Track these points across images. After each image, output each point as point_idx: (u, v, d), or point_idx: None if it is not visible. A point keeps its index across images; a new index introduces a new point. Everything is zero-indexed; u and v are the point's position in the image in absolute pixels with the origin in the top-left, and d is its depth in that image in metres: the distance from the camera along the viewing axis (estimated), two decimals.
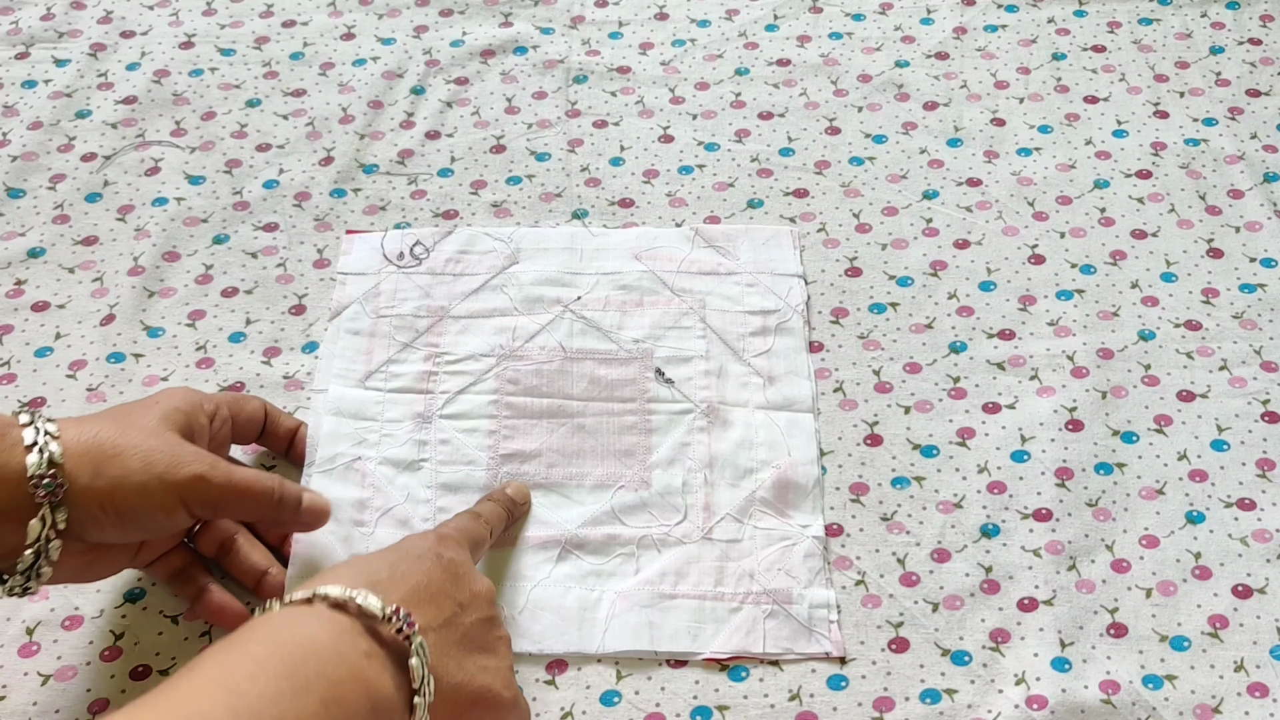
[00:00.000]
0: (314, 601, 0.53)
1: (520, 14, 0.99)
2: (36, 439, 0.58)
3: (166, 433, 0.62)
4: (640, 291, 0.81)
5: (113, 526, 0.60)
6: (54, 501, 0.58)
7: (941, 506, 0.72)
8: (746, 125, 0.91)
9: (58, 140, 0.90)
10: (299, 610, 0.52)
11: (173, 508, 0.61)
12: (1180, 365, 0.78)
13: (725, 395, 0.76)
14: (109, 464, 0.59)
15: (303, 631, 0.51)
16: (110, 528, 0.60)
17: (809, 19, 0.99)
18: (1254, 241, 0.84)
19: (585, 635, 0.67)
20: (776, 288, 0.81)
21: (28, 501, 0.58)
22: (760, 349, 0.78)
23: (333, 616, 0.52)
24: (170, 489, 0.60)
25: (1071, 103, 0.93)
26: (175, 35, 0.98)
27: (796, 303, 0.80)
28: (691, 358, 0.77)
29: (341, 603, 0.53)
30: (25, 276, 0.82)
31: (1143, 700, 0.65)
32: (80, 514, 0.59)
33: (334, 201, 0.87)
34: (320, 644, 0.51)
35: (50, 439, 0.59)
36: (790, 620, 0.67)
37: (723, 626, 0.67)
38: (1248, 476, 0.73)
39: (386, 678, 0.52)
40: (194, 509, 0.62)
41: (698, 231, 0.84)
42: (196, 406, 0.66)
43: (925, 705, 0.65)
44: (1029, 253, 0.83)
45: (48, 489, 0.58)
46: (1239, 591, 0.68)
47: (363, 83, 0.94)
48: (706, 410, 0.75)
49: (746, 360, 0.77)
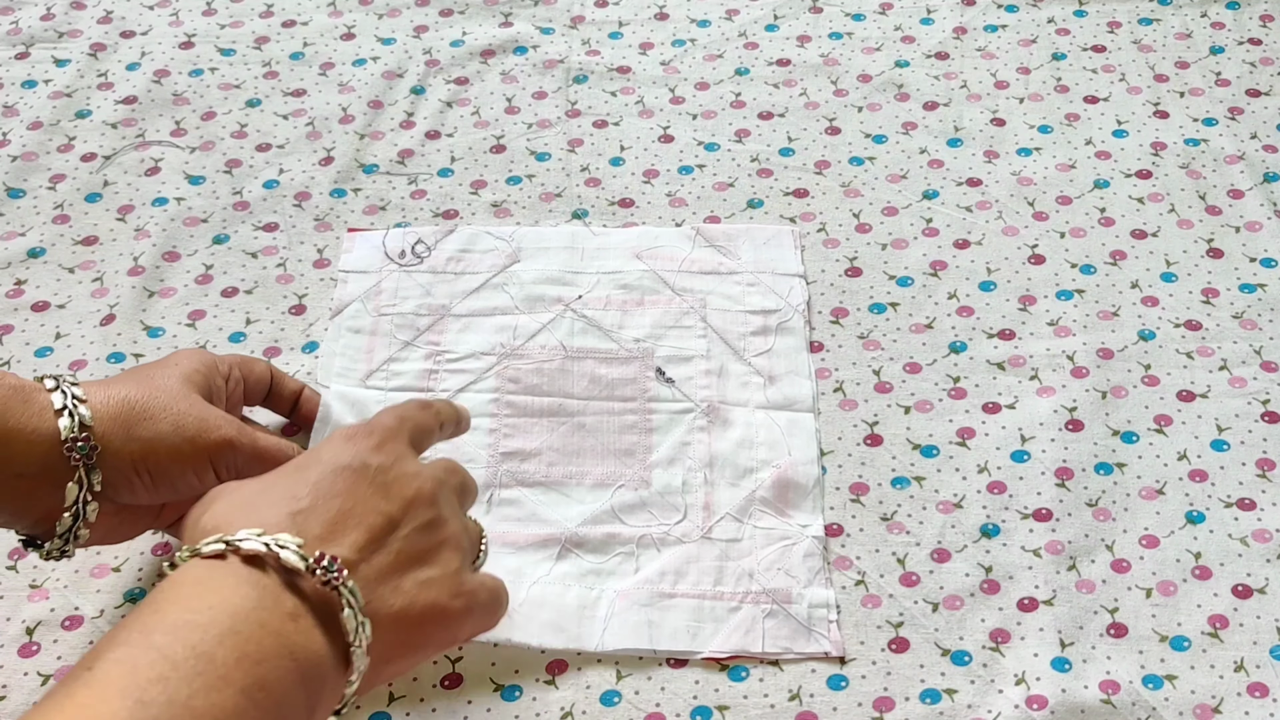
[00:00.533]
0: (227, 556, 0.48)
1: (520, 14, 0.99)
2: (65, 403, 0.58)
3: (191, 395, 0.62)
4: (641, 291, 0.81)
5: (145, 488, 0.61)
6: (88, 464, 0.58)
7: (941, 506, 0.72)
8: (746, 125, 0.91)
9: (58, 140, 0.90)
10: (212, 570, 0.48)
11: (203, 470, 0.61)
12: (1180, 365, 0.78)
13: (726, 394, 0.76)
14: (140, 426, 0.60)
15: (217, 602, 0.46)
16: (142, 489, 0.60)
17: (809, 19, 0.99)
18: (1254, 241, 0.84)
19: (585, 633, 0.67)
20: (777, 287, 0.81)
21: (60, 465, 0.58)
22: (761, 348, 0.78)
23: (250, 575, 0.47)
24: (201, 452, 0.61)
25: (1071, 103, 0.93)
26: (175, 35, 0.98)
27: (797, 302, 0.80)
28: (692, 357, 0.77)
29: (258, 558, 0.48)
30: (25, 276, 0.82)
31: (1143, 700, 0.65)
32: (113, 476, 0.59)
33: (334, 201, 0.87)
34: (237, 616, 0.46)
35: (78, 403, 0.59)
36: (789, 620, 0.67)
37: (722, 626, 0.67)
38: (1248, 476, 0.73)
39: (316, 636, 0.48)
40: (222, 472, 0.62)
41: (699, 231, 0.84)
42: (213, 368, 0.66)
43: (925, 705, 0.65)
44: (1029, 253, 0.83)
45: (82, 452, 0.58)
46: (1239, 591, 0.68)
47: (363, 83, 0.94)
48: (707, 410, 0.75)
49: (747, 360, 0.77)
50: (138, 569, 0.69)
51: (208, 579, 0.48)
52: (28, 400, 0.58)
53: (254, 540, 0.48)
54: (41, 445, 0.58)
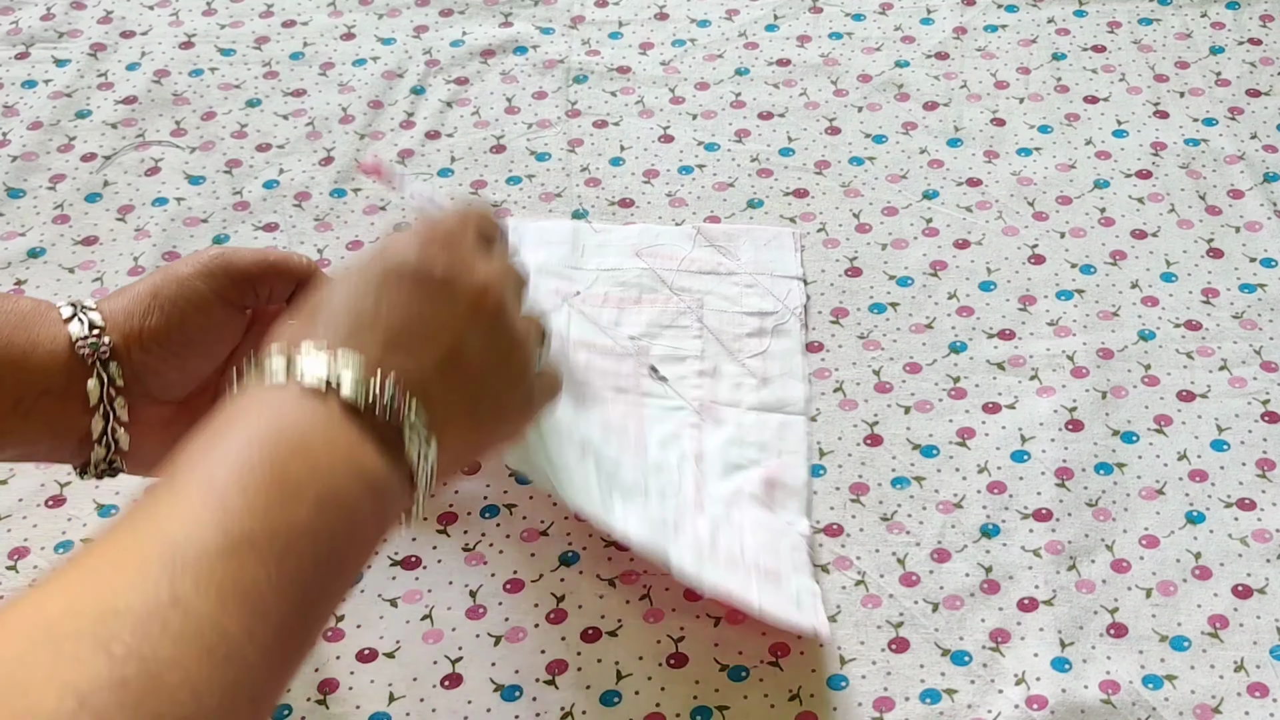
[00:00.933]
0: (289, 385, 0.48)
1: (520, 14, 0.99)
2: (75, 312, 0.57)
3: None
4: (639, 289, 0.80)
5: (164, 362, 0.58)
6: (103, 359, 0.57)
7: (941, 506, 0.72)
8: (746, 125, 0.91)
9: (58, 140, 0.90)
10: (278, 394, 0.48)
11: (225, 314, 0.59)
12: (1180, 365, 0.78)
13: (718, 395, 0.76)
14: (146, 310, 0.58)
15: (287, 422, 0.47)
16: (165, 365, 0.58)
17: (809, 19, 0.99)
18: (1254, 241, 0.84)
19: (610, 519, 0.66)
20: (776, 289, 0.81)
21: (82, 371, 0.57)
22: (755, 350, 0.78)
23: (312, 401, 0.47)
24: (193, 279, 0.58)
25: (1071, 103, 0.93)
26: (175, 35, 0.98)
27: (795, 305, 0.80)
28: (686, 357, 0.77)
29: (319, 392, 0.48)
30: (25, 276, 0.82)
31: (1143, 700, 0.65)
32: (134, 366, 0.58)
33: (334, 201, 0.87)
34: (306, 435, 0.46)
35: (86, 310, 0.58)
36: (780, 593, 0.67)
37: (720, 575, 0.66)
38: (1248, 476, 0.73)
39: (382, 457, 0.48)
40: (227, 293, 0.59)
41: (700, 230, 0.84)
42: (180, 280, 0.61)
43: (925, 705, 0.65)
44: (1029, 253, 0.83)
45: (93, 348, 0.57)
46: (1239, 591, 0.68)
47: (363, 83, 0.94)
48: (699, 409, 0.75)
49: (741, 361, 0.77)
50: None
51: (274, 402, 0.48)
52: (43, 317, 0.57)
53: (316, 371, 0.48)
54: (60, 357, 0.56)
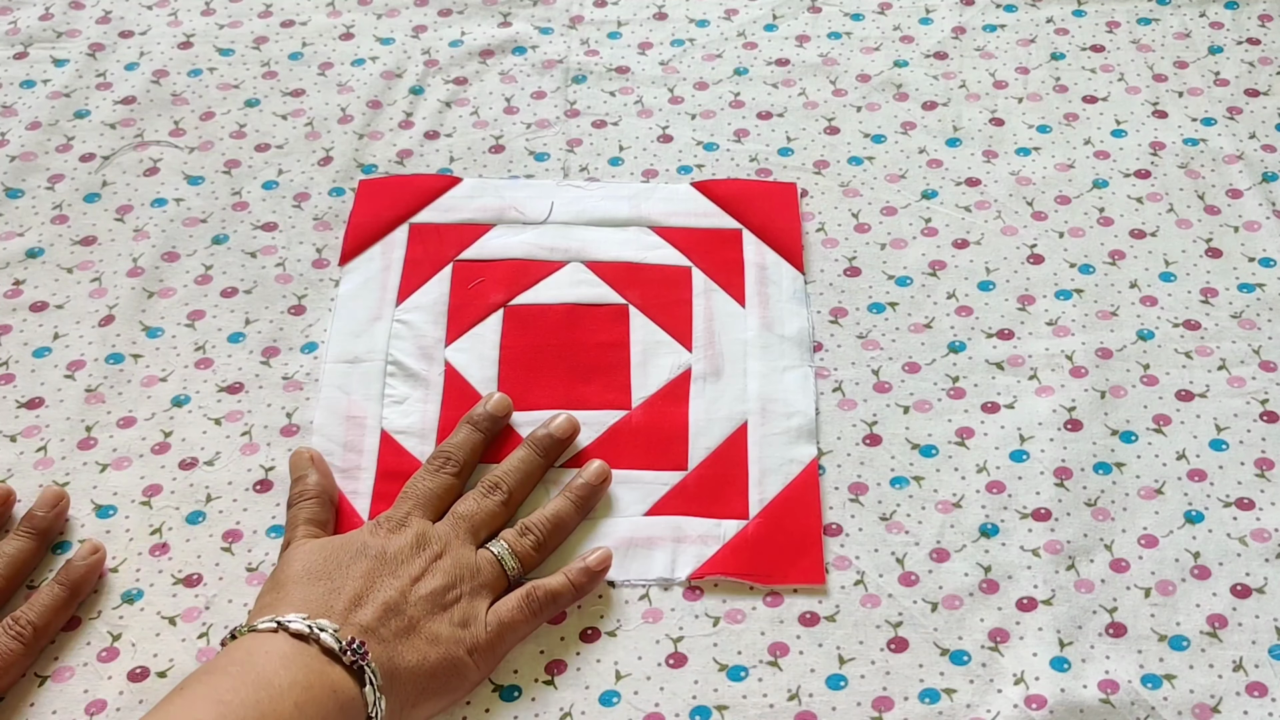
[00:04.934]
0: (278, 631, 0.60)
1: (519, 14, 0.99)
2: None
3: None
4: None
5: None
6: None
7: (940, 506, 0.72)
8: (745, 125, 0.91)
9: (56, 140, 0.90)
10: (265, 635, 0.60)
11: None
12: (1179, 365, 0.78)
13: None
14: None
15: (273, 649, 0.59)
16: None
17: (808, 19, 0.99)
18: (1253, 241, 0.84)
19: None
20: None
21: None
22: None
23: (295, 643, 0.60)
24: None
25: (1070, 102, 0.93)
26: (174, 35, 0.97)
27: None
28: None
29: (303, 635, 0.60)
30: (24, 277, 0.82)
31: (1142, 700, 0.65)
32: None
33: (333, 201, 0.87)
34: (289, 659, 0.59)
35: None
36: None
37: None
38: (1246, 476, 0.73)
39: (350, 681, 0.60)
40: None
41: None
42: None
43: (924, 705, 0.65)
44: (1028, 252, 0.83)
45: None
46: (1238, 591, 0.68)
47: (362, 83, 0.94)
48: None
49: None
50: (136, 569, 0.69)
51: (263, 639, 0.60)
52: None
53: (300, 623, 0.61)
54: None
